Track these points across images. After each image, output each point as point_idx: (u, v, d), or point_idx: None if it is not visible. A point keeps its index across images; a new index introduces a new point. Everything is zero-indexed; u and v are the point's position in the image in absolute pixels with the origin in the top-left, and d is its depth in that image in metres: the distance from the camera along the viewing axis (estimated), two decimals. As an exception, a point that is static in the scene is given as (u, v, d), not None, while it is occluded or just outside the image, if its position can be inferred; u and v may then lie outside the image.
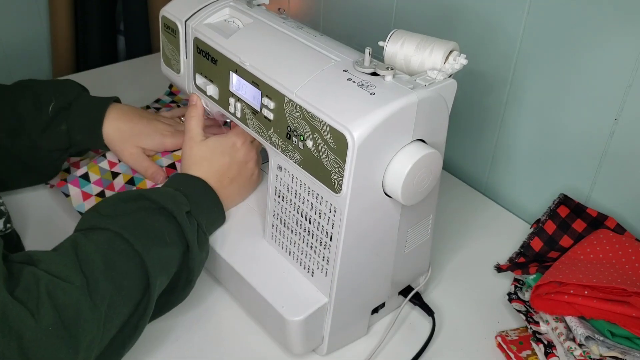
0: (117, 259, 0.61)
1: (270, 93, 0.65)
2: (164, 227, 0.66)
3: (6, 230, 0.76)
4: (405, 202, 0.62)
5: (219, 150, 0.76)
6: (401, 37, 0.65)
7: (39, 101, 0.84)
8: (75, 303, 0.56)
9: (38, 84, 0.87)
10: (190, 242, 0.67)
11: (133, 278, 0.62)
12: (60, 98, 0.84)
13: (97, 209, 0.67)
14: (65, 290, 0.56)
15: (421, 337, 0.73)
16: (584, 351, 0.65)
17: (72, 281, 0.56)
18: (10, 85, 0.86)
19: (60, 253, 0.59)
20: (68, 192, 0.85)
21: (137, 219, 0.65)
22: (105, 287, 0.59)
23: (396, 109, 0.58)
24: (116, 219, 0.64)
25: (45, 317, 0.54)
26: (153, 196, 0.67)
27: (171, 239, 0.66)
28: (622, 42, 0.73)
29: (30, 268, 0.56)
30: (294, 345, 0.68)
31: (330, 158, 0.60)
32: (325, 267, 0.66)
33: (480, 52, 0.89)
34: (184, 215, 0.68)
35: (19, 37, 1.43)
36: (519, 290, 0.77)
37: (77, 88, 0.87)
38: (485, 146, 0.96)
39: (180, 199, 0.69)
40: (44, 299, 0.54)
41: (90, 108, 0.85)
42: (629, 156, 0.78)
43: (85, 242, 0.61)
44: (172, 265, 0.66)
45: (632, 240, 0.75)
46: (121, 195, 0.68)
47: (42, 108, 0.83)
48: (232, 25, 0.77)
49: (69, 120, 0.84)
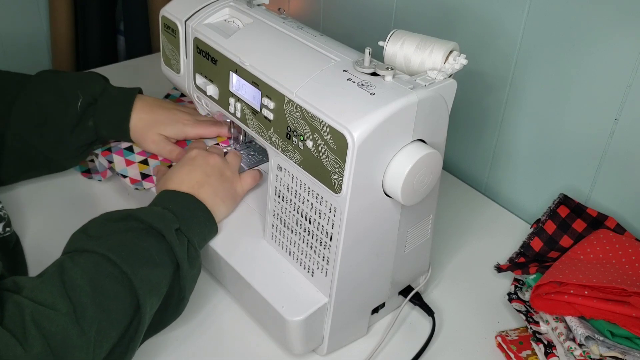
0: (105, 283, 0.60)
1: (270, 93, 0.65)
2: (152, 247, 0.65)
3: (5, 233, 0.76)
4: (405, 202, 0.62)
5: (179, 165, 0.77)
6: (401, 37, 0.65)
7: (65, 97, 0.84)
8: (63, 330, 0.55)
9: (62, 77, 0.87)
10: (180, 261, 0.66)
11: (121, 301, 0.61)
12: (86, 94, 0.84)
13: (85, 230, 0.66)
14: (50, 318, 0.55)
15: (421, 337, 0.73)
16: (584, 351, 0.65)
17: (57, 308, 0.56)
18: (32, 78, 0.86)
19: (45, 279, 0.58)
20: (112, 160, 0.87)
21: (125, 240, 0.64)
22: (93, 312, 0.58)
23: (396, 109, 0.58)
24: (103, 241, 0.63)
25: (34, 346, 0.53)
26: (141, 216, 0.66)
27: (160, 258, 0.65)
28: (622, 42, 0.73)
29: (14, 297, 0.55)
30: (294, 345, 0.68)
31: (330, 158, 0.60)
32: (325, 267, 0.66)
33: (480, 52, 0.89)
34: (173, 234, 0.66)
35: (19, 38, 1.43)
36: (519, 290, 0.77)
37: (102, 82, 0.88)
38: (485, 146, 0.96)
39: (168, 216, 0.68)
40: (30, 328, 0.54)
41: (117, 102, 0.86)
42: (629, 156, 0.78)
43: (71, 267, 0.60)
44: (163, 285, 0.65)
45: (632, 240, 0.75)
46: (109, 216, 0.68)
47: (70, 105, 0.84)
48: (232, 25, 0.77)
49: (95, 115, 0.85)
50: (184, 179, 0.75)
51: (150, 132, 0.86)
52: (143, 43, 1.49)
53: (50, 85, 0.85)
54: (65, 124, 0.84)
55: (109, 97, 0.86)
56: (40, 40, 1.46)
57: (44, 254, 0.64)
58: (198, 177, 0.75)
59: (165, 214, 0.68)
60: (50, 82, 0.85)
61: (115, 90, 0.87)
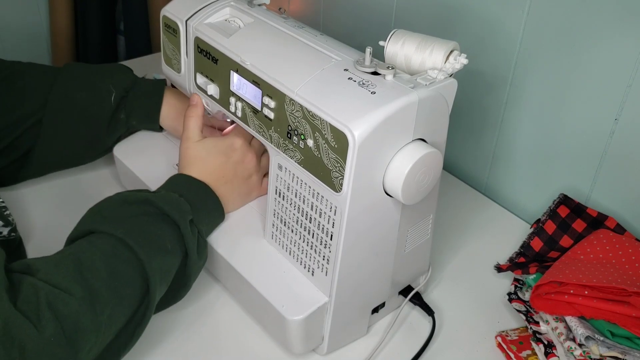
0: (121, 268, 0.61)
1: (271, 92, 0.65)
2: (166, 235, 0.65)
3: (10, 237, 0.76)
4: (406, 202, 0.62)
5: (215, 150, 0.76)
6: (402, 37, 0.65)
7: (98, 92, 0.85)
8: (76, 314, 0.56)
9: (92, 72, 0.88)
10: (190, 251, 0.67)
11: (134, 287, 0.61)
12: (119, 87, 0.86)
13: (101, 210, 0.66)
14: (65, 302, 0.55)
15: (421, 337, 0.73)
16: (584, 351, 0.65)
17: (72, 292, 0.56)
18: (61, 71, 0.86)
19: (60, 262, 0.59)
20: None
21: (140, 225, 0.64)
22: (107, 297, 0.58)
23: (397, 108, 0.58)
24: (120, 224, 0.64)
25: (47, 327, 0.53)
26: (159, 202, 0.67)
27: (172, 246, 0.65)
28: (622, 42, 0.73)
29: (30, 279, 0.56)
30: (294, 344, 0.68)
31: (331, 157, 0.60)
32: (325, 267, 0.66)
33: (480, 52, 0.90)
34: (187, 225, 0.67)
35: (18, 38, 1.43)
36: (519, 290, 0.77)
37: (131, 74, 0.89)
38: (485, 146, 0.96)
39: (184, 207, 0.68)
40: (45, 310, 0.54)
41: (148, 94, 0.88)
42: (629, 156, 0.78)
43: (88, 249, 0.60)
44: (171, 273, 0.66)
45: (632, 240, 0.75)
46: (126, 197, 0.68)
47: (104, 100, 0.85)
48: (232, 24, 0.77)
49: (127, 108, 0.86)
50: (213, 171, 0.75)
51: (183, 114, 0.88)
52: (143, 43, 1.49)
53: (83, 81, 0.86)
54: (102, 119, 0.85)
55: (139, 89, 0.88)
56: (41, 41, 1.47)
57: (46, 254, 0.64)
58: (227, 173, 0.76)
59: (182, 204, 0.68)
60: (82, 78, 0.86)
61: (144, 82, 0.89)
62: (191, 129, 0.77)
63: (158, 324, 0.72)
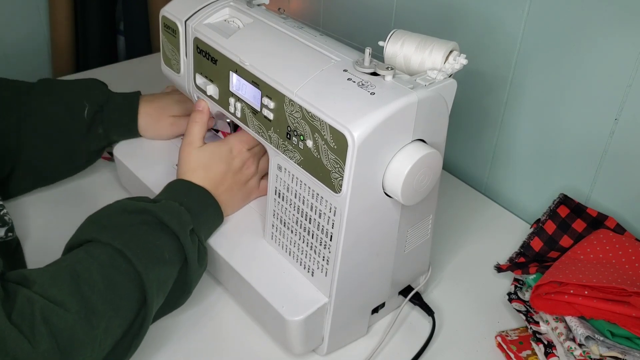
0: (118, 280, 0.60)
1: (270, 93, 0.65)
2: (165, 245, 0.65)
3: (7, 238, 0.76)
4: (405, 202, 0.62)
5: (216, 157, 0.76)
6: (401, 37, 0.65)
7: (70, 107, 0.85)
8: (71, 328, 0.55)
9: (64, 88, 0.88)
10: (191, 260, 0.67)
11: (131, 299, 0.61)
12: (92, 102, 0.86)
13: (99, 218, 0.66)
14: (60, 316, 0.55)
15: (421, 337, 0.73)
16: (584, 351, 0.65)
17: (67, 307, 0.56)
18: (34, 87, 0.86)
19: (56, 274, 0.58)
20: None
21: (139, 235, 0.64)
22: (103, 310, 0.58)
23: (396, 109, 0.58)
24: (118, 234, 0.63)
25: (41, 342, 0.53)
26: (158, 212, 0.66)
27: (170, 257, 0.65)
28: (622, 42, 0.73)
29: (25, 291, 0.55)
30: (294, 345, 0.68)
31: (330, 158, 0.60)
32: (325, 267, 0.66)
33: (480, 52, 0.89)
34: (187, 235, 0.67)
35: (19, 37, 1.43)
36: (519, 290, 0.77)
37: (104, 89, 0.89)
38: (485, 146, 0.96)
39: (185, 217, 0.68)
40: (39, 325, 0.53)
41: (122, 107, 0.88)
42: (629, 156, 0.78)
43: (86, 259, 0.60)
44: (169, 283, 0.66)
45: (632, 240, 0.75)
46: (125, 206, 0.67)
47: (77, 114, 0.85)
48: (232, 25, 0.77)
49: (104, 123, 0.87)
50: (214, 178, 0.75)
51: (162, 119, 0.89)
52: (143, 43, 1.49)
53: (54, 97, 0.86)
54: (76, 133, 0.85)
55: (114, 103, 0.88)
56: (41, 41, 1.47)
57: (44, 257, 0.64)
58: (227, 181, 0.76)
59: (182, 214, 0.68)
60: (54, 94, 0.86)
61: (118, 97, 0.89)
62: (194, 135, 0.77)
63: (160, 326, 0.72)
